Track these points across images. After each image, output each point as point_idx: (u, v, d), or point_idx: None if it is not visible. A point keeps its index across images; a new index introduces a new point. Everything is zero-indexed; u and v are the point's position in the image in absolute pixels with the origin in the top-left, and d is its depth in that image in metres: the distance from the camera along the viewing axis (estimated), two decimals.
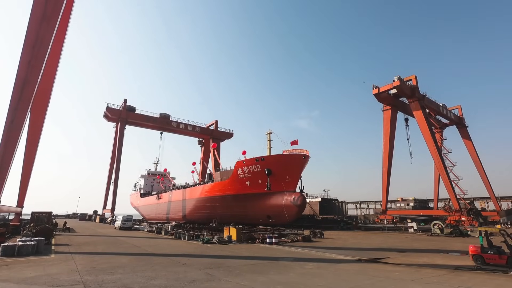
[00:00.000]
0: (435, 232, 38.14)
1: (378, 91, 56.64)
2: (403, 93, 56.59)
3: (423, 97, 57.84)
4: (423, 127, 55.40)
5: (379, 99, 58.98)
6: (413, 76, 58.14)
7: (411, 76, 58.23)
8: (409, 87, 56.24)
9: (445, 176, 55.38)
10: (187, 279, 11.41)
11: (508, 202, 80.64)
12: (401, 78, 54.99)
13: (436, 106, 64.29)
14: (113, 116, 72.66)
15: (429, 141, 55.20)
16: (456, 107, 75.49)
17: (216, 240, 25.94)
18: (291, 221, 44.81)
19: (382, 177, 64.23)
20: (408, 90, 55.94)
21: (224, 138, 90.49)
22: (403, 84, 54.74)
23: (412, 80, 57.86)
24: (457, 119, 72.32)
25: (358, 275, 12.97)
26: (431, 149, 55.76)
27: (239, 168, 48.92)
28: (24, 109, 21.31)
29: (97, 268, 13.73)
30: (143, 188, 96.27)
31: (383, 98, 58.71)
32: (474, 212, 66.34)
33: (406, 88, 55.47)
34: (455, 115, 72.68)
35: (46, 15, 20.43)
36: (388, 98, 58.54)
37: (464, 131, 72.97)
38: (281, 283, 11.12)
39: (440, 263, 16.65)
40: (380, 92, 56.60)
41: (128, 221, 45.00)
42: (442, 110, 66.97)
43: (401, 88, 54.17)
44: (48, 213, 40.46)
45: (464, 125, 72.81)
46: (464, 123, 73.20)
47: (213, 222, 48.80)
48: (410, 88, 56.22)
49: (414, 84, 57.29)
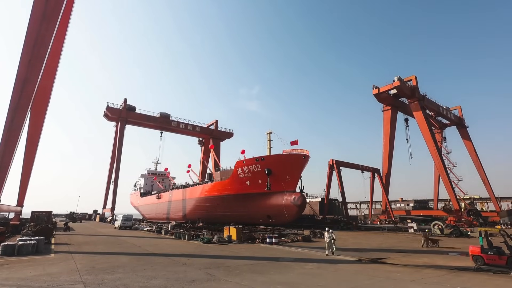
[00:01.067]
0: (435, 233, 38.14)
1: (378, 91, 56.89)
2: (403, 93, 56.91)
3: (423, 97, 58.32)
4: (423, 127, 55.51)
5: (379, 99, 59.33)
6: (413, 77, 58.30)
7: (411, 77, 58.38)
8: (409, 87, 56.48)
9: (445, 176, 55.45)
10: (187, 279, 11.41)
11: (508, 203, 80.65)
12: (401, 78, 55.17)
13: (436, 107, 64.53)
14: (113, 116, 72.66)
15: (429, 142, 55.34)
16: (456, 108, 75.52)
17: (216, 240, 25.96)
18: (291, 221, 44.80)
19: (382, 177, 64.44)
20: (408, 90, 56.22)
21: (224, 138, 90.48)
22: (403, 84, 55.02)
23: (412, 80, 58.06)
24: (457, 120, 72.95)
25: (358, 275, 12.97)
26: (431, 149, 55.86)
27: (239, 168, 48.92)
28: (24, 108, 21.27)
29: (97, 267, 13.72)
30: (143, 187, 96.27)
31: (383, 98, 59.02)
32: (474, 213, 66.37)
33: (406, 88, 55.71)
34: (455, 116, 72.82)
35: (46, 15, 20.44)
36: (388, 98, 58.88)
37: (464, 131, 73.29)
38: (281, 283, 11.11)
39: (440, 264, 16.65)
40: (380, 93, 56.93)
41: (128, 220, 45.02)
42: (442, 110, 67.31)
43: (401, 88, 54.48)
44: (48, 213, 40.49)
45: (464, 125, 73.25)
46: (464, 123, 73.42)
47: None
48: (410, 89, 56.52)
49: (414, 84, 57.50)
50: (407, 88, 55.86)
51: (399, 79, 54.45)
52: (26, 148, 35.86)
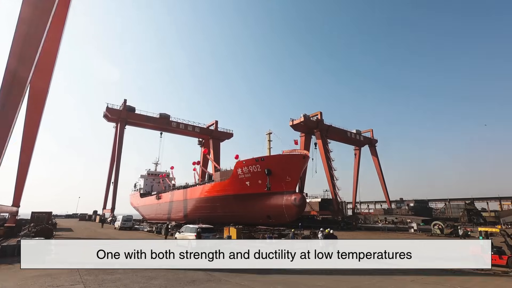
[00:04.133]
0: (435, 233, 38.14)
1: (293, 123, 71.05)
2: (308, 126, 71.85)
3: (328, 127, 74.15)
4: (321, 150, 72.07)
5: (295, 129, 72.86)
6: (318, 112, 73.53)
7: (317, 112, 73.73)
8: (314, 121, 72.11)
9: (331, 185, 70.80)
10: (187, 279, 11.41)
11: (508, 204, 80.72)
12: (306, 115, 70.79)
13: (342, 133, 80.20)
14: (113, 116, 72.54)
15: (324, 160, 72.03)
16: (368, 130, 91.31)
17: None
18: (291, 221, 44.79)
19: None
20: (313, 123, 71.84)
21: (224, 138, 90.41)
22: (307, 119, 70.43)
23: (318, 115, 73.22)
24: (368, 140, 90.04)
25: (358, 275, 12.97)
26: (325, 165, 72.18)
27: (239, 168, 48.89)
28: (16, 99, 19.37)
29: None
30: (143, 188, 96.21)
31: (298, 127, 72.44)
32: (474, 213, 66.36)
33: (310, 122, 71.38)
34: (365, 137, 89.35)
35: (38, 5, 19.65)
36: (302, 127, 72.08)
37: (372, 149, 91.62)
38: (281, 283, 11.12)
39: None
40: (294, 124, 70.96)
41: (128, 221, 44.95)
42: (350, 134, 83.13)
43: (305, 122, 70.08)
44: (48, 213, 40.46)
45: (374, 144, 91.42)
46: (374, 143, 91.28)
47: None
48: (316, 122, 72.24)
49: (319, 118, 72.84)
50: (312, 122, 71.80)
51: (304, 116, 69.78)
52: (23, 146, 33.43)
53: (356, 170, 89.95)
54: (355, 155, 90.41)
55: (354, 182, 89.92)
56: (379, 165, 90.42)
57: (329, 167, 71.65)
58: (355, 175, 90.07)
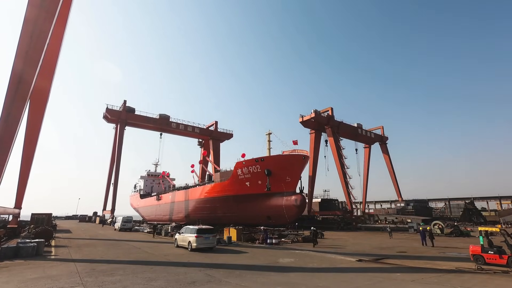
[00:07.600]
0: (435, 232, 38.10)
1: (303, 119, 68.70)
2: (319, 122, 69.21)
3: (339, 123, 71.04)
4: (333, 147, 68.68)
5: (305, 126, 70.67)
6: (329, 108, 70.98)
7: (328, 108, 71.17)
8: (325, 117, 69.27)
9: (344, 183, 66.95)
10: (187, 280, 11.39)
11: (507, 203, 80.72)
12: (317, 110, 68.13)
13: (353, 129, 76.28)
14: (113, 117, 72.50)
15: (336, 158, 68.50)
16: (379, 127, 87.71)
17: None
18: (291, 221, 44.74)
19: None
20: (324, 120, 68.86)
21: (224, 139, 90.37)
22: (318, 115, 67.87)
23: (329, 111, 70.58)
24: (379, 138, 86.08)
25: (359, 276, 12.97)
26: (337, 163, 68.49)
27: (239, 168, 48.85)
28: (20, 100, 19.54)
29: (97, 269, 13.70)
30: (143, 189, 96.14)
31: (308, 124, 70.15)
32: (474, 212, 66.36)
33: (321, 118, 68.51)
34: (376, 134, 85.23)
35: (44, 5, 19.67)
36: (312, 124, 69.71)
37: (383, 146, 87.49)
38: (282, 284, 11.11)
39: (440, 263, 16.63)
40: (304, 121, 68.66)
41: (128, 222, 44.87)
42: (361, 131, 78.95)
43: (316, 118, 67.60)
44: (48, 215, 40.34)
45: (384, 142, 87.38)
46: (385, 140, 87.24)
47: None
48: (326, 118, 69.43)
49: (330, 114, 70.20)
50: (323, 118, 69.14)
51: (315, 112, 67.29)
52: (24, 147, 34.31)
53: (366, 169, 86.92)
54: (365, 153, 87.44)
55: (364, 180, 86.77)
56: (390, 163, 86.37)
57: (341, 165, 68.76)
58: (365, 174, 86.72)
